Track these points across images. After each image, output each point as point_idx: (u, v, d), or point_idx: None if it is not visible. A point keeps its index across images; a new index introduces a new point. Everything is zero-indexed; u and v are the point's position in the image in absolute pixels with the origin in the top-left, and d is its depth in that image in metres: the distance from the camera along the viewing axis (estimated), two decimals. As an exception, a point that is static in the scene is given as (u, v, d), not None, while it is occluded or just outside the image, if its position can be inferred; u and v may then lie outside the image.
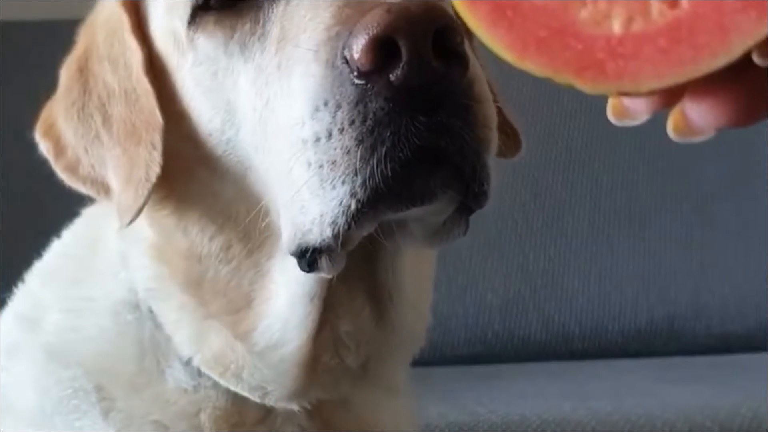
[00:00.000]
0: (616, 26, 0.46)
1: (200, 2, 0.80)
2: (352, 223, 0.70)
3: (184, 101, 0.83)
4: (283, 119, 0.73)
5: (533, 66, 0.46)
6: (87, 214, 0.96)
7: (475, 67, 0.71)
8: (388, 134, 0.67)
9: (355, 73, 0.67)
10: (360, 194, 0.69)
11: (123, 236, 0.89)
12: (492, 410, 1.55)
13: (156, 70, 0.84)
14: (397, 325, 0.85)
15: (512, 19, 0.46)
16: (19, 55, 2.08)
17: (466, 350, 1.98)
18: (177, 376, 0.86)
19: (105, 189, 0.85)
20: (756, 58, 0.45)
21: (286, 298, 0.81)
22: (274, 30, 0.76)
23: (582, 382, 1.76)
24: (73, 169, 0.87)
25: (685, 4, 0.45)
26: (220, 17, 0.79)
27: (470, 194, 0.72)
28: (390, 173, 0.68)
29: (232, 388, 0.85)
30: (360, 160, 0.68)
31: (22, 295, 0.96)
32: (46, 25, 2.10)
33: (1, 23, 2.08)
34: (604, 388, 1.70)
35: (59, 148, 0.87)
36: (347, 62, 0.67)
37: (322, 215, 0.70)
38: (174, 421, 0.85)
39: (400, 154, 0.68)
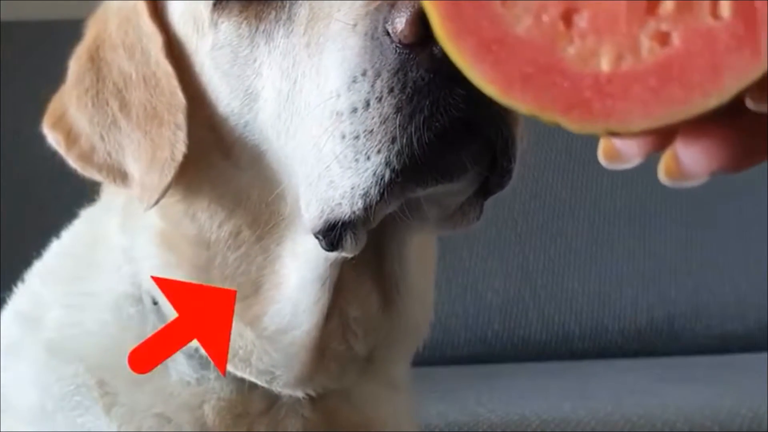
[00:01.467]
0: (605, 64, 0.44)
1: None
2: (384, 194, 0.71)
3: (201, 84, 0.83)
4: (314, 96, 0.74)
5: (518, 103, 0.44)
6: (85, 214, 0.96)
7: None
8: (427, 103, 0.68)
9: (397, 45, 0.68)
10: (395, 163, 0.70)
11: (127, 227, 0.89)
12: (492, 410, 1.55)
13: (173, 55, 0.85)
14: (403, 315, 0.86)
15: (497, 54, 0.45)
16: (19, 55, 2.08)
17: (466, 350, 1.98)
18: (180, 369, 0.86)
19: (122, 175, 0.86)
20: (750, 103, 0.42)
21: (297, 282, 0.82)
22: (301, 11, 0.77)
23: (582, 382, 1.76)
24: (87, 157, 0.86)
25: (676, 42, 0.43)
26: (246, 4, 0.80)
27: (497, 171, 0.73)
28: (427, 142, 0.69)
29: (240, 373, 0.85)
30: (399, 127, 0.69)
31: (21, 294, 0.96)
32: (46, 25, 2.10)
33: (1, 23, 2.08)
34: (604, 388, 1.70)
35: (71, 138, 0.87)
36: (388, 35, 0.68)
37: (353, 187, 0.71)
38: (177, 414, 0.85)
39: (437, 124, 0.68)
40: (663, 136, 0.45)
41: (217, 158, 0.83)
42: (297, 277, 0.82)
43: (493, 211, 0.78)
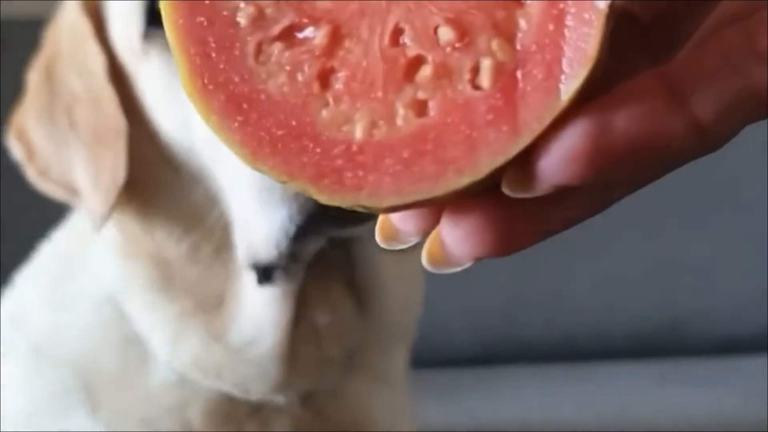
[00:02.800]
0: (358, 131, 0.39)
1: (151, 18, 0.80)
2: (294, 243, 0.71)
3: (144, 107, 0.83)
4: None
5: (267, 168, 0.40)
6: (75, 216, 0.96)
7: None
8: None
9: None
10: (297, 219, 0.70)
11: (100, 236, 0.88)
12: (493, 411, 1.55)
13: (119, 74, 0.84)
14: (383, 318, 0.86)
15: (248, 113, 0.40)
16: (19, 54, 2.07)
17: (466, 351, 1.97)
18: (162, 373, 0.86)
19: (75, 192, 0.86)
20: (505, 188, 0.38)
21: (258, 295, 0.81)
22: None
23: (585, 384, 1.75)
24: (43, 173, 0.87)
25: (432, 112, 0.39)
26: None
27: None
28: None
29: (216, 385, 0.85)
30: None
31: (10, 296, 0.95)
32: (47, 24, 2.09)
33: (1, 22, 2.08)
34: (607, 391, 1.69)
35: (30, 152, 0.87)
36: None
37: (267, 234, 0.72)
38: (161, 417, 0.85)
39: None
40: (436, 213, 0.40)
41: (168, 176, 0.83)
42: (258, 290, 0.81)
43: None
